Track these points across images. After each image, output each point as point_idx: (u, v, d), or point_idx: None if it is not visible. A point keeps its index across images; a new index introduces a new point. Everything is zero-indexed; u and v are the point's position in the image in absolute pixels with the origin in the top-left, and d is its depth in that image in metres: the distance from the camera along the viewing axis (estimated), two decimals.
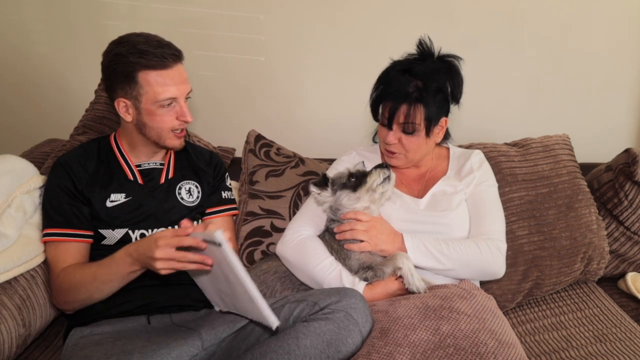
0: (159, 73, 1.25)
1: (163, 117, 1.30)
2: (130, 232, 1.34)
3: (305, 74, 2.03)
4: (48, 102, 2.10)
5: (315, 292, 1.21)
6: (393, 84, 1.37)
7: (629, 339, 1.39)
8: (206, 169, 1.51)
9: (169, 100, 1.28)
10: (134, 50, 1.24)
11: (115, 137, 1.44)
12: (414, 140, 1.39)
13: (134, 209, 1.35)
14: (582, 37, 1.97)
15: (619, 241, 1.70)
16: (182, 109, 1.31)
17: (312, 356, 1.06)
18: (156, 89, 1.26)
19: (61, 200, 1.31)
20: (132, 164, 1.40)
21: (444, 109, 1.42)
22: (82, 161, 1.36)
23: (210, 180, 1.51)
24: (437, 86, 1.36)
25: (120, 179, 1.37)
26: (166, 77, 1.26)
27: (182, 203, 1.43)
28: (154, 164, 1.43)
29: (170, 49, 1.27)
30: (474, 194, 1.46)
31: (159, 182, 1.42)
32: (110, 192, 1.35)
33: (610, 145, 1.95)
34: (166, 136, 1.33)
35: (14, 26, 2.00)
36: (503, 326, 1.13)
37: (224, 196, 1.54)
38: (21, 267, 1.31)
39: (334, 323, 1.09)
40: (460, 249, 1.34)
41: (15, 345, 1.22)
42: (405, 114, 1.35)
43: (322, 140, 2.06)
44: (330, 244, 1.39)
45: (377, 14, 1.94)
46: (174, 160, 1.48)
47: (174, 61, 1.28)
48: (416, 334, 1.09)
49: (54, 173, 1.35)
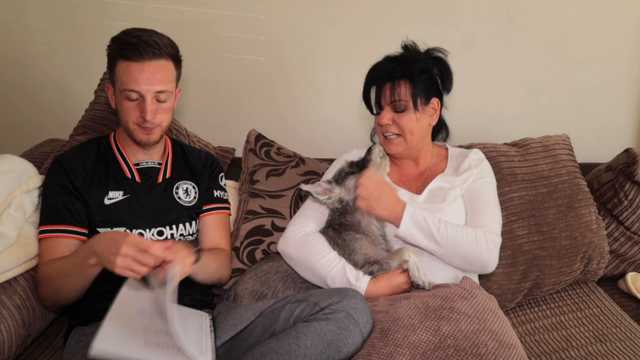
0: (129, 64, 1.26)
1: (128, 109, 1.30)
2: (128, 232, 1.33)
3: (305, 74, 2.03)
4: (48, 102, 2.10)
5: (315, 293, 1.21)
6: (378, 70, 1.46)
7: (629, 339, 1.39)
8: (203, 170, 1.53)
9: (134, 94, 1.28)
10: (120, 41, 1.28)
11: (114, 136, 1.45)
12: (406, 118, 1.42)
13: (131, 207, 1.36)
14: (582, 37, 1.97)
15: (619, 241, 1.70)
16: (145, 105, 1.29)
17: (312, 356, 1.06)
18: (123, 78, 1.27)
19: (57, 196, 1.32)
20: (130, 162, 1.41)
21: (433, 89, 1.46)
22: (80, 159, 1.37)
23: (206, 180, 1.53)
24: (422, 66, 1.43)
25: (119, 177, 1.38)
26: (135, 70, 1.26)
27: (180, 203, 1.43)
28: (152, 162, 1.44)
29: (151, 46, 1.26)
30: (471, 189, 1.47)
31: (156, 181, 1.42)
32: (109, 190, 1.35)
33: (610, 145, 1.96)
34: (132, 128, 1.33)
35: (15, 26, 2.00)
36: (504, 327, 1.13)
37: (215, 195, 1.54)
38: (21, 267, 1.31)
39: (335, 323, 1.09)
40: (456, 231, 1.34)
41: (15, 345, 1.22)
42: (390, 90, 1.41)
43: (322, 141, 2.07)
44: (334, 239, 1.39)
45: (377, 14, 1.94)
46: (172, 160, 1.49)
47: (151, 58, 1.27)
48: (416, 335, 1.08)
49: (51, 170, 1.36)
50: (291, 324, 1.15)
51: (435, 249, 1.34)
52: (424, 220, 1.34)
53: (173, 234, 1.40)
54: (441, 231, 1.33)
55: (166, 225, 1.39)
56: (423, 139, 1.50)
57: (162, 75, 1.30)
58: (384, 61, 1.48)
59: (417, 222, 1.34)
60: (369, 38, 1.97)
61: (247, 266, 1.57)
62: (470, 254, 1.35)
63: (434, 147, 1.59)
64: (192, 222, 1.46)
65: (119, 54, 1.27)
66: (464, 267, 1.39)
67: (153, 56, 1.27)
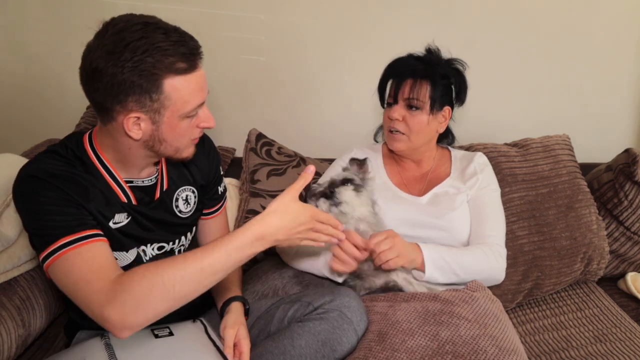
0: (187, 78, 0.99)
1: (187, 129, 1.06)
2: (141, 253, 1.18)
3: (305, 74, 2.03)
4: (48, 102, 2.09)
5: (309, 292, 1.22)
6: (402, 65, 1.46)
7: (629, 339, 1.39)
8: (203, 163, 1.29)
9: (196, 110, 1.05)
10: (154, 49, 0.95)
11: (91, 143, 1.11)
12: (418, 118, 1.42)
13: (137, 228, 1.16)
14: (582, 37, 1.97)
15: (619, 241, 1.71)
16: (206, 112, 1.08)
17: (307, 356, 1.06)
18: (185, 97, 1.00)
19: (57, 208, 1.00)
20: (121, 180, 1.12)
21: (448, 97, 1.47)
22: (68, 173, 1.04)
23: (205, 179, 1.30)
24: (443, 72, 1.43)
25: (113, 200, 1.11)
26: (193, 82, 1.00)
27: (180, 215, 1.25)
28: (148, 180, 1.18)
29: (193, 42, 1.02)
30: (476, 198, 1.47)
31: (153, 199, 1.19)
32: (115, 212, 1.11)
33: (610, 145, 1.95)
34: (184, 148, 1.10)
35: (14, 26, 2.00)
36: (505, 331, 1.10)
37: (219, 191, 1.36)
38: (21, 268, 1.31)
39: (328, 322, 1.09)
40: (472, 258, 1.33)
41: (15, 345, 1.22)
42: (410, 87, 1.41)
43: (323, 140, 2.06)
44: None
45: (378, 13, 1.94)
46: (166, 168, 1.23)
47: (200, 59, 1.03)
48: (414, 340, 1.07)
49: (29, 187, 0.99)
50: (285, 325, 1.15)
51: (455, 281, 1.33)
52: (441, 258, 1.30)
53: (173, 248, 1.26)
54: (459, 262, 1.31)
55: (169, 242, 1.24)
56: (428, 143, 1.50)
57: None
58: (407, 58, 1.47)
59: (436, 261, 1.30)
60: (369, 38, 1.97)
61: (248, 266, 1.56)
62: (485, 275, 1.36)
63: (437, 150, 1.58)
64: (192, 230, 1.31)
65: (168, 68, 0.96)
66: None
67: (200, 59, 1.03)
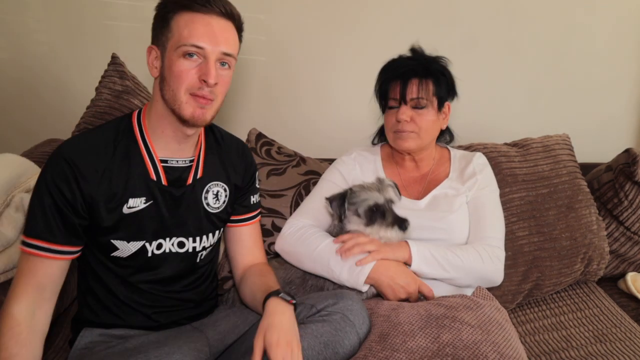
0: (194, 16, 1.04)
1: (184, 71, 1.05)
2: (147, 245, 1.16)
3: (305, 73, 2.03)
4: (49, 102, 2.10)
5: (312, 296, 1.22)
6: (401, 66, 1.44)
7: (629, 339, 1.39)
8: (237, 162, 1.29)
9: (195, 49, 1.04)
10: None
11: (139, 119, 1.15)
12: (426, 116, 1.42)
13: (153, 216, 1.14)
14: (582, 37, 1.97)
15: (619, 241, 1.71)
16: (208, 66, 1.05)
17: (309, 357, 1.07)
18: (184, 32, 1.03)
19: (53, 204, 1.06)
20: (156, 158, 1.14)
21: (448, 92, 1.47)
22: (92, 155, 1.08)
23: (239, 181, 1.30)
24: (439, 67, 1.44)
25: (141, 178, 1.12)
26: (200, 22, 1.04)
27: (207, 210, 1.23)
28: (183, 161, 1.18)
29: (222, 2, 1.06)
30: (475, 199, 1.46)
31: (185, 183, 1.18)
32: (129, 197, 1.11)
33: (610, 145, 1.95)
34: (183, 99, 1.07)
35: (15, 26, 2.00)
36: (509, 339, 1.09)
37: (252, 202, 1.34)
38: None
39: (331, 325, 1.10)
40: (463, 256, 1.33)
41: None
42: (417, 86, 1.41)
43: (323, 140, 2.06)
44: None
45: (377, 14, 1.94)
46: (204, 154, 1.23)
47: (220, 14, 1.05)
48: (415, 341, 1.07)
49: (51, 168, 1.06)
50: None
51: (446, 278, 1.33)
52: (430, 254, 1.32)
53: (195, 247, 1.23)
54: (449, 260, 1.31)
55: (189, 237, 1.21)
56: (432, 141, 1.50)
57: (230, 36, 1.08)
58: (402, 59, 1.47)
59: (425, 257, 1.31)
60: (369, 38, 1.97)
61: None
62: (479, 275, 1.36)
63: (436, 149, 1.57)
64: (215, 233, 1.27)
65: (180, 4, 1.04)
66: (474, 285, 1.38)
67: (223, 13, 1.06)
